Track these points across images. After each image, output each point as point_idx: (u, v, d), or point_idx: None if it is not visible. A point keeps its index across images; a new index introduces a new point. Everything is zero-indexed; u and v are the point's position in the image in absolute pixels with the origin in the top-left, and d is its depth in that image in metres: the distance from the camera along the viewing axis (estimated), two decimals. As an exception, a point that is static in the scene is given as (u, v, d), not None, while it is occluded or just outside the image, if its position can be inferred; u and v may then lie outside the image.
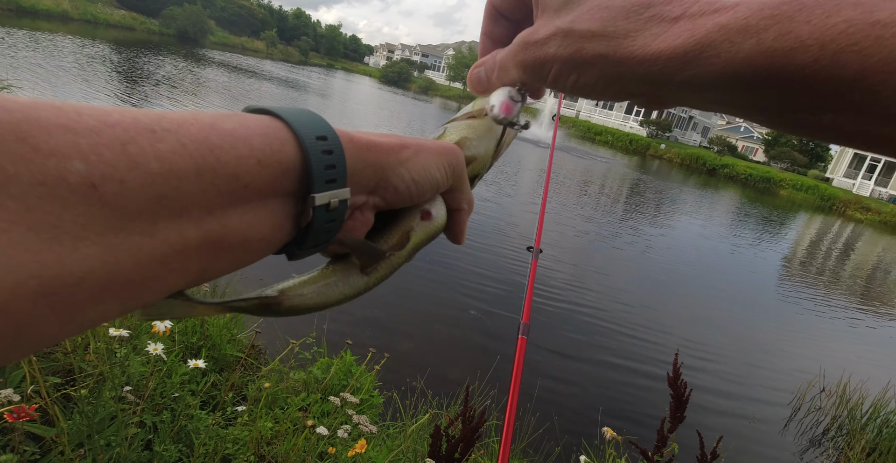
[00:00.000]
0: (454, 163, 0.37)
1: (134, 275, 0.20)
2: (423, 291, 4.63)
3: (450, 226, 0.40)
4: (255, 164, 0.24)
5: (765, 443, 3.67)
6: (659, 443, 1.73)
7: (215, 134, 0.23)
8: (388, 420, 2.36)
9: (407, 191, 0.33)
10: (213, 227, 0.23)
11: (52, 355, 1.75)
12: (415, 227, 0.36)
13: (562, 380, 3.69)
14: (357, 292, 0.36)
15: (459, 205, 0.40)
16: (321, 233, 0.29)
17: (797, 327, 6.66)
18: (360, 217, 0.32)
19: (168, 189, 0.20)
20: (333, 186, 0.28)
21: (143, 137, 0.20)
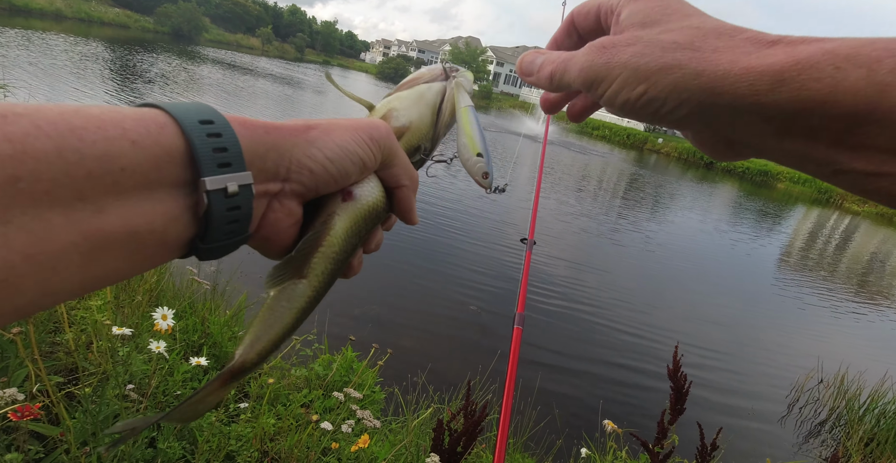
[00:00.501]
0: (377, 136, 0.35)
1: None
2: (421, 287, 4.64)
3: (395, 204, 0.38)
4: (129, 145, 0.22)
5: (764, 434, 3.70)
6: (659, 435, 1.75)
7: (77, 117, 0.21)
8: (389, 415, 2.37)
9: (324, 172, 0.31)
10: (87, 216, 0.21)
11: (55, 354, 1.75)
12: (336, 210, 0.34)
13: (562, 373, 3.71)
14: (308, 301, 0.34)
15: (398, 181, 0.37)
16: (224, 222, 0.27)
17: (795, 320, 6.70)
18: (281, 207, 0.31)
19: (23, 172, 0.19)
20: (229, 170, 0.26)
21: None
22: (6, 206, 0.18)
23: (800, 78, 0.23)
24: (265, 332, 0.34)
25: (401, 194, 0.38)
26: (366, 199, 0.36)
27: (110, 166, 0.21)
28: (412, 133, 0.41)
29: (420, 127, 0.41)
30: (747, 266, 9.11)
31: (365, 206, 0.36)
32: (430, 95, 0.43)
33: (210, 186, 0.25)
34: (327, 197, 0.34)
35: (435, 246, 5.73)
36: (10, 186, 0.18)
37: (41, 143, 0.19)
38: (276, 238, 0.32)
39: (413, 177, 0.39)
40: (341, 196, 0.35)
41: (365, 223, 0.36)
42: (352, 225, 0.35)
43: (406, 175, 0.38)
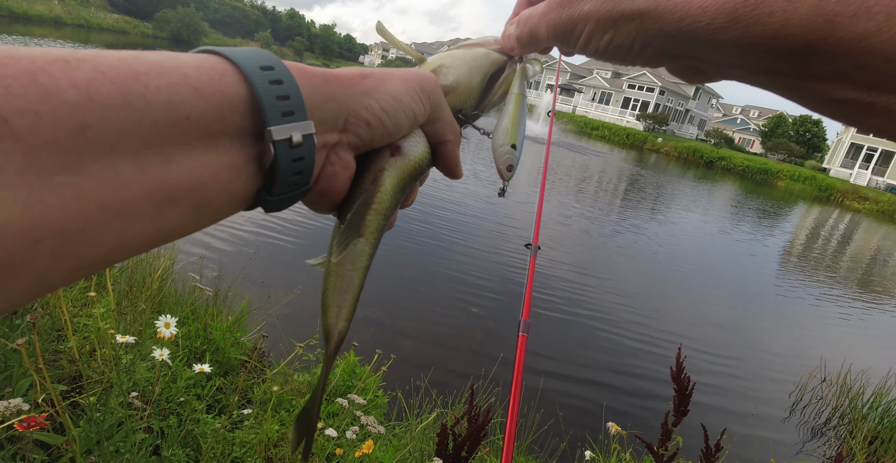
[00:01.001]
0: (427, 88, 0.34)
1: (68, 222, 0.18)
2: (423, 290, 4.64)
3: (439, 160, 0.38)
4: (191, 92, 0.22)
5: (768, 434, 3.69)
6: (663, 437, 1.75)
7: (138, 62, 0.21)
8: (393, 420, 2.37)
9: (380, 124, 0.31)
10: (156, 166, 0.21)
11: (58, 363, 1.76)
12: (385, 166, 0.34)
13: (565, 376, 3.71)
14: (368, 258, 0.36)
15: (443, 136, 0.37)
16: (290, 174, 0.26)
17: (798, 318, 6.69)
18: (338, 160, 0.30)
19: (91, 119, 0.18)
20: (292, 119, 0.25)
21: (55, 67, 0.18)
22: (77, 155, 0.18)
23: (753, 13, 0.23)
24: (343, 298, 0.35)
25: (445, 149, 0.38)
26: (413, 155, 0.36)
27: (175, 114, 0.21)
28: (456, 95, 0.40)
29: (466, 91, 0.41)
30: (749, 265, 9.10)
31: (412, 161, 0.36)
32: (485, 63, 0.42)
33: (276, 137, 0.25)
34: (375, 152, 0.34)
35: (435, 249, 5.73)
36: (79, 134, 0.18)
37: (106, 89, 0.19)
38: (331, 192, 0.32)
39: (457, 132, 0.39)
40: (389, 151, 0.35)
41: (410, 179, 0.36)
42: (399, 180, 0.35)
43: (451, 130, 0.38)
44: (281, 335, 2.87)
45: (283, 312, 3.24)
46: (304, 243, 5.01)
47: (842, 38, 0.21)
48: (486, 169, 12.12)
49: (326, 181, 0.31)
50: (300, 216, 5.74)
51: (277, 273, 4.17)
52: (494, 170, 0.45)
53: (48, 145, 0.17)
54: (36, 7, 30.66)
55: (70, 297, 2.27)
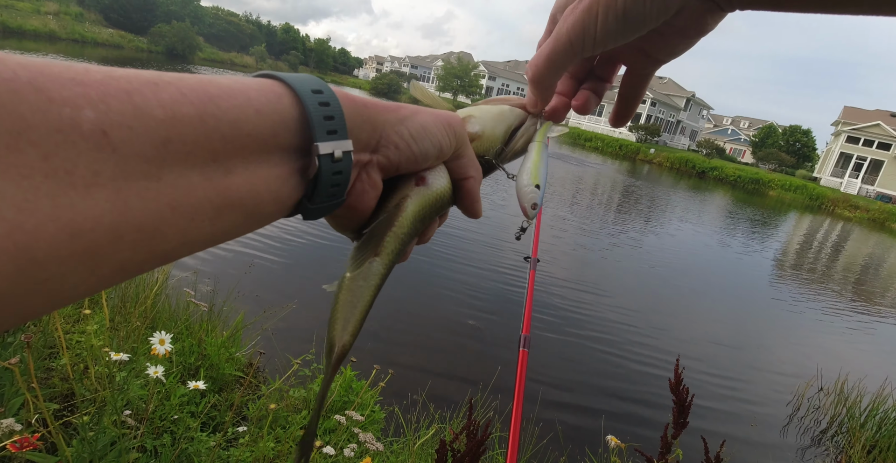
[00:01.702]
0: (454, 125, 0.38)
1: (145, 220, 0.21)
2: (421, 303, 4.62)
3: (460, 196, 0.41)
4: (253, 113, 0.25)
5: (767, 444, 3.67)
6: (663, 449, 1.73)
7: (212, 86, 0.24)
8: (390, 435, 2.34)
9: (408, 148, 0.34)
10: (219, 176, 0.24)
11: (50, 380, 1.73)
12: (410, 194, 0.37)
13: (564, 388, 3.69)
14: (381, 278, 0.37)
15: (466, 172, 0.40)
16: (329, 186, 0.29)
17: (793, 327, 6.71)
18: (368, 178, 0.33)
19: (173, 134, 0.21)
20: (335, 138, 0.29)
21: (147, 88, 0.21)
22: (159, 164, 0.21)
23: None
24: (352, 312, 0.37)
25: (467, 186, 0.40)
26: (437, 186, 0.38)
27: (239, 132, 0.24)
28: (481, 142, 0.44)
29: (490, 139, 0.44)
30: (743, 275, 9.14)
31: (435, 192, 0.38)
32: (511, 117, 0.46)
33: (321, 151, 0.28)
34: (402, 180, 0.37)
35: (432, 262, 5.72)
36: (162, 147, 0.21)
37: (187, 109, 0.22)
38: (360, 207, 0.34)
39: (479, 169, 0.41)
40: (415, 180, 0.37)
41: (431, 209, 0.39)
42: (421, 209, 0.38)
43: (473, 167, 0.41)
44: (276, 350, 2.84)
45: (278, 326, 3.21)
46: (298, 258, 4.99)
47: None
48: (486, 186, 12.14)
49: (356, 196, 0.33)
50: (295, 231, 5.72)
51: (273, 287, 4.14)
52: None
53: (137, 155, 0.20)
54: (30, 22, 30.74)
55: (64, 313, 2.25)
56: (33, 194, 0.17)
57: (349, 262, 0.37)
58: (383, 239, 0.36)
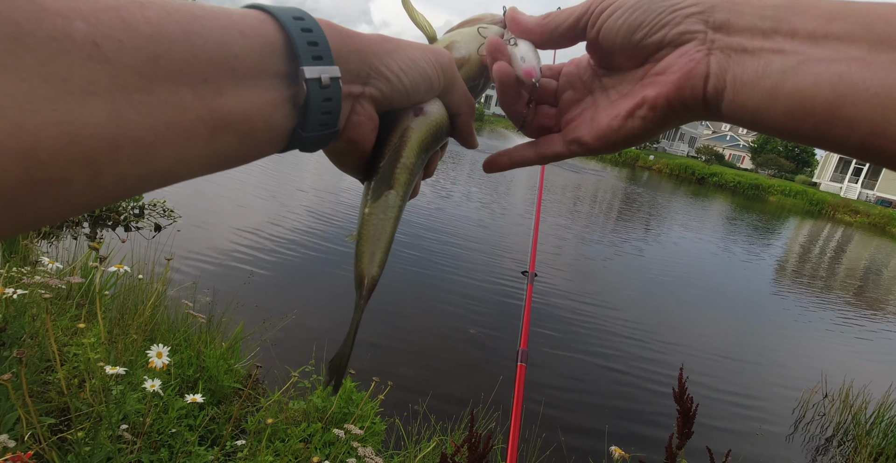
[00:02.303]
0: (442, 60, 0.38)
1: (141, 134, 0.22)
2: (422, 315, 4.60)
3: (456, 130, 0.42)
4: (238, 34, 0.26)
5: (773, 452, 3.63)
6: (668, 460, 1.71)
7: (196, 8, 0.25)
8: (391, 448, 2.31)
9: (398, 81, 0.34)
10: (210, 96, 0.24)
11: (46, 395, 1.71)
12: (411, 124, 0.38)
13: (566, 399, 3.66)
14: (398, 209, 0.39)
15: (459, 108, 0.41)
16: (319, 113, 0.29)
17: (796, 334, 6.67)
18: (363, 110, 0.33)
19: (161, 50, 0.22)
20: (320, 63, 0.29)
21: (134, 6, 0.22)
22: (150, 79, 0.22)
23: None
24: (377, 245, 0.38)
25: (461, 121, 0.41)
26: (435, 114, 0.39)
27: (226, 53, 0.25)
28: (469, 66, 0.44)
29: (477, 66, 0.45)
30: (744, 282, 9.12)
31: (434, 120, 0.39)
32: (491, 32, 0.46)
33: (307, 75, 0.28)
34: (400, 114, 0.38)
35: (431, 274, 5.71)
36: (152, 62, 0.22)
37: (173, 28, 0.23)
38: (359, 140, 0.35)
39: (471, 103, 0.42)
40: (413, 112, 0.38)
41: (433, 138, 0.40)
42: (424, 137, 0.39)
43: (465, 102, 0.41)
44: (275, 361, 2.82)
45: (277, 337, 3.19)
46: (297, 269, 4.98)
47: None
48: (480, 189, 12.21)
49: (353, 129, 0.34)
50: (293, 244, 5.72)
51: (272, 298, 4.12)
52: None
53: (129, 68, 0.21)
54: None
55: (61, 325, 2.23)
56: (33, 96, 0.18)
57: (365, 199, 0.39)
58: (394, 171, 0.38)
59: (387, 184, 0.38)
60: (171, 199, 5.92)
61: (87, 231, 4.82)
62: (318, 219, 6.74)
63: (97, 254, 1.80)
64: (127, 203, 5.44)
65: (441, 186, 11.10)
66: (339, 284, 4.72)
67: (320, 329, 3.71)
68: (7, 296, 1.51)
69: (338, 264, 5.22)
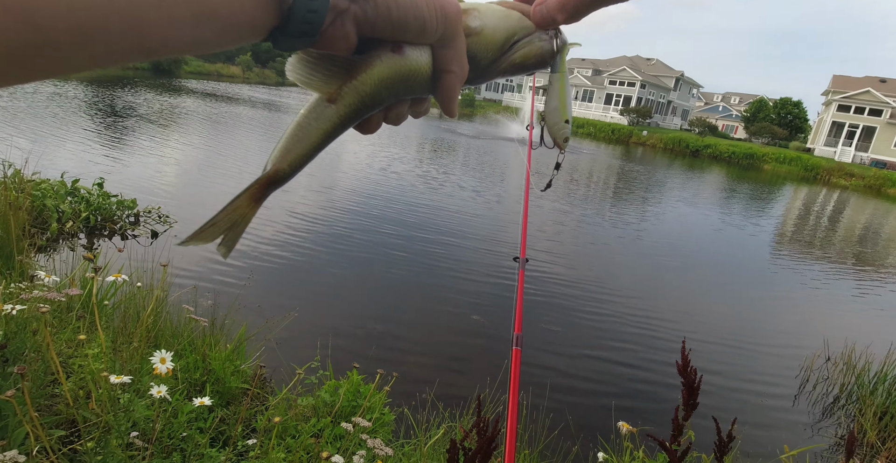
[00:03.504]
0: (448, 10, 0.37)
1: (131, 12, 0.24)
2: (424, 304, 4.62)
3: (438, 88, 0.40)
4: None
5: (778, 418, 3.68)
6: (675, 432, 1.73)
7: None
8: (401, 437, 2.34)
9: (387, 10, 0.33)
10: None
11: (55, 407, 1.72)
12: (382, 57, 0.36)
13: (572, 378, 3.69)
14: (332, 125, 0.37)
15: (449, 65, 0.39)
16: (302, 21, 0.30)
17: (795, 299, 6.72)
18: (341, 27, 0.33)
19: None
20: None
21: None
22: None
23: None
24: (294, 145, 0.38)
25: (447, 79, 0.39)
26: (412, 59, 0.37)
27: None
28: (478, 40, 0.41)
29: (488, 41, 0.42)
30: (742, 251, 9.15)
31: (408, 64, 0.37)
32: (516, 25, 0.43)
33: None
34: (378, 44, 0.36)
35: (430, 261, 5.72)
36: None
37: None
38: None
39: (464, 67, 0.40)
40: (391, 47, 0.36)
41: (401, 80, 0.38)
42: (389, 74, 0.37)
43: (458, 62, 0.39)
44: (281, 360, 2.84)
45: (281, 335, 3.21)
46: (297, 267, 4.98)
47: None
48: (476, 180, 12.16)
49: (327, 42, 0.34)
50: (292, 241, 5.72)
51: (273, 297, 4.14)
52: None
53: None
54: (11, 47, 30.60)
55: (64, 338, 2.24)
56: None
57: (308, 104, 0.38)
58: (342, 88, 0.36)
59: (329, 96, 0.37)
60: (166, 204, 5.91)
61: (83, 242, 4.81)
62: (313, 219, 6.73)
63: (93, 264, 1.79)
64: (122, 212, 5.43)
65: (432, 177, 11.07)
66: (338, 282, 4.73)
67: (323, 325, 3.73)
68: (6, 312, 1.51)
69: (335, 262, 5.22)
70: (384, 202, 7.98)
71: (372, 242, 5.97)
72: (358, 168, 10.96)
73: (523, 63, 0.44)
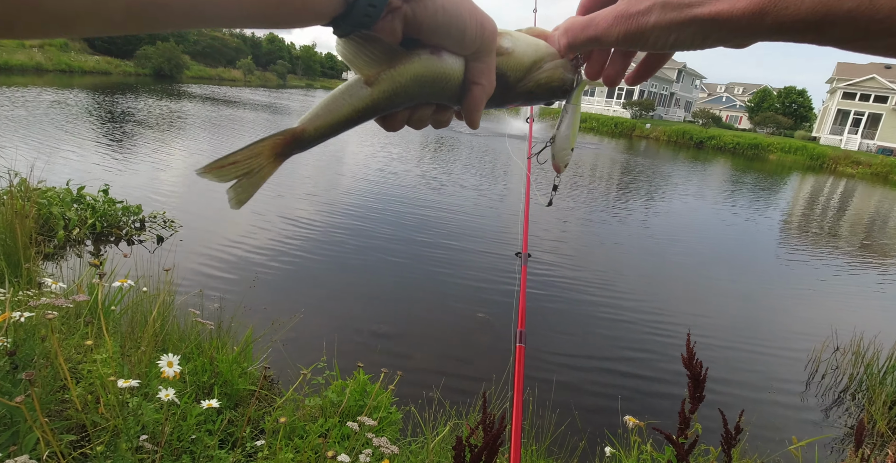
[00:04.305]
0: (487, 25, 0.41)
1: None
2: (427, 304, 4.63)
3: (465, 99, 0.43)
4: None
5: (787, 409, 3.67)
6: (682, 425, 1.73)
7: None
8: (408, 435, 2.35)
9: (434, 13, 0.37)
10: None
11: (65, 412, 1.75)
12: (421, 55, 0.40)
13: (577, 373, 3.69)
14: (364, 106, 0.40)
15: (479, 77, 0.42)
16: (362, 14, 0.35)
17: (803, 289, 6.67)
18: (392, 22, 0.37)
19: None
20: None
21: None
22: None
23: (778, 8, 0.32)
24: (324, 113, 0.41)
25: (475, 90, 0.43)
26: (447, 63, 0.41)
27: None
28: (508, 59, 0.45)
29: (518, 62, 0.46)
30: (749, 242, 9.10)
31: (443, 66, 0.41)
32: (543, 52, 0.47)
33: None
34: (419, 45, 0.40)
35: (435, 259, 5.73)
36: None
37: None
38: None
39: (492, 82, 0.43)
40: (430, 49, 0.40)
41: (433, 80, 0.41)
42: (424, 72, 0.40)
43: (487, 76, 0.43)
44: (288, 361, 2.86)
45: (288, 337, 3.23)
46: (301, 269, 5.01)
47: (837, 13, 0.31)
48: (477, 178, 12.16)
49: (376, 32, 0.37)
50: (296, 241, 5.74)
51: (278, 299, 4.16)
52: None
53: None
54: (16, 57, 30.76)
55: (73, 344, 2.27)
56: None
57: (346, 82, 0.41)
58: (380, 74, 0.39)
59: (367, 78, 0.40)
60: (171, 209, 5.94)
61: (90, 249, 4.85)
62: (316, 221, 6.76)
63: (98, 270, 1.82)
64: (127, 218, 5.47)
65: (433, 176, 11.08)
66: (342, 283, 4.75)
67: (329, 326, 3.75)
68: (15, 320, 1.54)
69: (339, 263, 5.24)
70: (385, 203, 8.00)
71: (374, 242, 5.99)
72: (358, 168, 10.99)
73: (547, 84, 0.48)
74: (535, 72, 0.47)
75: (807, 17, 0.32)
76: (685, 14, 0.36)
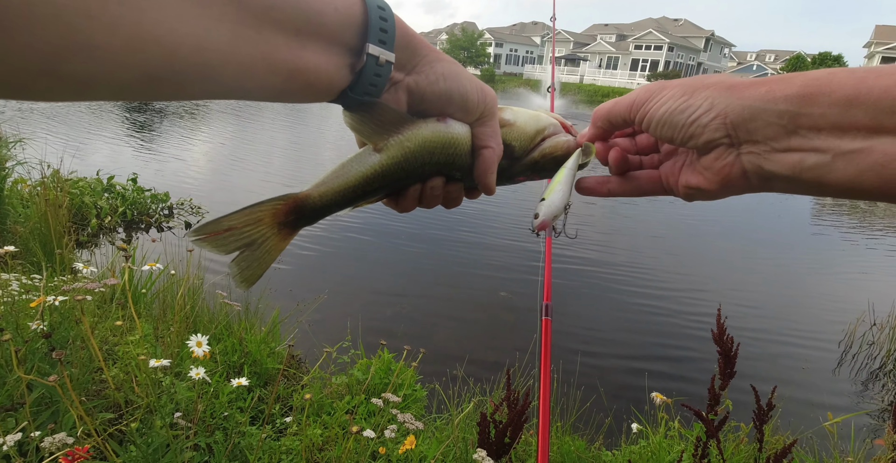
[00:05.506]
0: (487, 93, 0.42)
1: (244, 60, 0.29)
2: (451, 283, 4.64)
3: (476, 163, 0.43)
4: (332, 9, 0.33)
5: (820, 386, 3.59)
6: (711, 401, 1.69)
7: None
8: (433, 412, 2.38)
9: (435, 82, 0.39)
10: (297, 47, 0.31)
11: (103, 392, 1.82)
12: (428, 121, 0.40)
13: (603, 349, 3.67)
14: (373, 172, 0.40)
15: (487, 141, 0.43)
16: (368, 83, 0.36)
17: (837, 263, 6.46)
18: (395, 93, 0.39)
19: (276, 3, 0.30)
20: (384, 47, 0.35)
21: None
22: (261, 22, 0.29)
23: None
24: (331, 179, 0.41)
25: (485, 154, 0.43)
26: (454, 129, 0.41)
27: (320, 19, 0.32)
28: (511, 130, 0.46)
29: (520, 132, 0.46)
30: (781, 214, 8.82)
31: (450, 132, 0.41)
32: (545, 121, 0.48)
33: (370, 51, 0.35)
34: (426, 115, 0.41)
35: (457, 238, 5.72)
36: (265, 13, 0.29)
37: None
38: None
39: (499, 143, 0.44)
40: (437, 118, 0.41)
41: (442, 147, 0.41)
42: (432, 138, 0.40)
43: (495, 139, 0.44)
44: (314, 341, 2.91)
45: (313, 317, 3.29)
46: (325, 252, 5.06)
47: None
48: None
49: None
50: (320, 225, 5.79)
51: (303, 281, 4.22)
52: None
53: (250, 11, 0.29)
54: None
55: (108, 326, 2.35)
56: (182, 12, 0.25)
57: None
58: (389, 139, 0.39)
59: (375, 144, 0.40)
60: (197, 196, 6.06)
61: (122, 236, 4.99)
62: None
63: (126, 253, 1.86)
64: (156, 205, 5.60)
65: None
66: (365, 264, 4.79)
67: (353, 305, 3.80)
68: (49, 303, 1.59)
69: (361, 245, 5.28)
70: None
71: (395, 225, 6.01)
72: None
73: (552, 154, 0.48)
74: (541, 142, 0.47)
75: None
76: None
